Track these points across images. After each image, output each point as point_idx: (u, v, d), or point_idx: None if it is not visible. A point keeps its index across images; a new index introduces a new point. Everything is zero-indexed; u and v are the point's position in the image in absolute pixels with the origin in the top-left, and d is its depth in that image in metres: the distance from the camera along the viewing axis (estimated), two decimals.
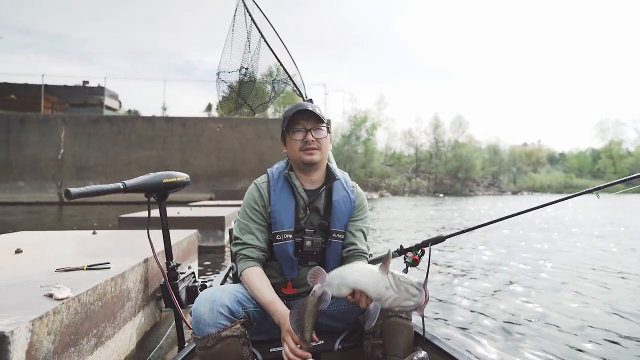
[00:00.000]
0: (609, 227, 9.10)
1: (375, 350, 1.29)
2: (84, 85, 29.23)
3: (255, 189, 1.50)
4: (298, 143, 1.43)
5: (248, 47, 2.30)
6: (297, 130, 1.44)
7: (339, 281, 1.06)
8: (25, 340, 1.06)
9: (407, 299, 1.01)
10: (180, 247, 2.69)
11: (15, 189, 20.13)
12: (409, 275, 1.05)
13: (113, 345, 1.66)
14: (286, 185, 1.48)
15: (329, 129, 1.52)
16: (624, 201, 20.46)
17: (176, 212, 5.99)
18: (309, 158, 1.43)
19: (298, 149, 1.43)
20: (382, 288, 1.01)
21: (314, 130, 1.44)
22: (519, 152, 55.73)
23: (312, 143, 1.42)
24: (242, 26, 2.28)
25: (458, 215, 12.81)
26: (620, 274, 4.21)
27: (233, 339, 1.19)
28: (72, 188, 1.42)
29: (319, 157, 1.45)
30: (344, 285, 1.06)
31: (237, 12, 2.27)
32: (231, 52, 2.30)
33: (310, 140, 1.42)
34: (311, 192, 1.48)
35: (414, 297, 1.01)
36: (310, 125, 1.44)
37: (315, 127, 1.44)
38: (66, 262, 1.86)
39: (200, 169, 20.84)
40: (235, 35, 2.28)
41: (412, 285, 1.01)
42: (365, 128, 38.94)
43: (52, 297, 1.29)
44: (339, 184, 1.52)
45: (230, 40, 2.30)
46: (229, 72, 2.35)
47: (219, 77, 2.35)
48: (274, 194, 1.46)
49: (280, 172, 1.51)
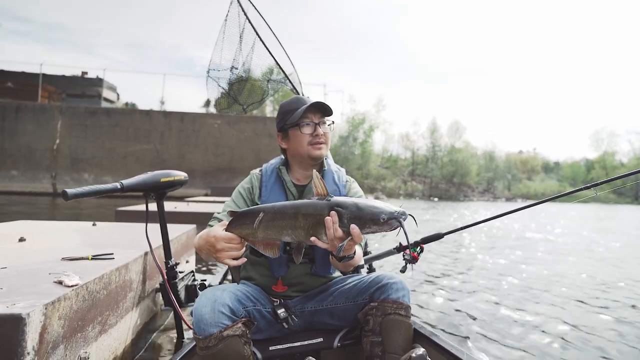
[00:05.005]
0: (608, 230, 9.23)
1: (374, 348, 1.30)
2: (82, 76, 28.97)
3: (249, 180, 1.54)
4: (307, 137, 1.44)
5: (240, 46, 2.32)
6: (306, 124, 1.44)
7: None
8: (39, 323, 1.11)
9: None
10: (179, 241, 2.73)
11: (8, 178, 19.92)
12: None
13: (115, 334, 1.70)
14: (277, 180, 1.50)
15: (333, 122, 1.52)
16: (617, 208, 20.69)
17: (173, 207, 6.00)
18: (318, 153, 1.44)
19: (307, 143, 1.44)
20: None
21: (322, 125, 1.45)
22: (515, 159, 56.05)
23: (321, 137, 1.44)
24: (235, 25, 2.28)
25: (454, 219, 12.91)
26: (618, 277, 4.31)
27: (234, 339, 1.19)
28: (68, 189, 1.42)
29: (325, 151, 1.47)
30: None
31: (231, 10, 2.27)
32: (222, 51, 2.32)
33: (320, 134, 1.44)
34: (301, 187, 1.50)
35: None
36: (317, 119, 1.45)
37: (322, 120, 1.46)
38: (70, 252, 1.89)
39: (197, 165, 20.77)
40: (227, 34, 2.30)
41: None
42: (363, 130, 39.04)
43: (61, 284, 1.33)
44: (330, 179, 1.51)
45: (222, 39, 2.31)
46: (218, 71, 2.37)
47: (209, 75, 2.38)
48: (265, 188, 1.48)
49: (273, 168, 1.54)
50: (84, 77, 29.06)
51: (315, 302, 1.46)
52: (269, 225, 1.15)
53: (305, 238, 1.14)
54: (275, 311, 1.39)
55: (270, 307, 1.41)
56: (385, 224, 1.06)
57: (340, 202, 1.11)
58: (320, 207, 1.11)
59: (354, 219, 1.07)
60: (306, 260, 1.45)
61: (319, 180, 1.16)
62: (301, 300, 1.47)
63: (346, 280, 1.48)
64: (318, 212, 1.11)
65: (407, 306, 1.33)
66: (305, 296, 1.48)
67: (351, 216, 1.08)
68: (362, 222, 1.07)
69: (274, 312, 1.39)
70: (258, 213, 1.16)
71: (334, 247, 1.10)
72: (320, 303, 1.46)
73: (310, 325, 1.47)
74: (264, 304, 1.40)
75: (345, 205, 1.09)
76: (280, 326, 1.40)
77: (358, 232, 1.07)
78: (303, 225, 1.13)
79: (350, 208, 1.09)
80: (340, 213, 1.08)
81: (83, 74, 29.13)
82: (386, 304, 1.32)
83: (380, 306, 1.32)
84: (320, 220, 1.10)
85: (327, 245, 1.11)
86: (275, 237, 1.17)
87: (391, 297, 1.32)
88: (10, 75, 26.26)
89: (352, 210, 1.08)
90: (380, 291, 1.35)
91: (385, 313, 1.31)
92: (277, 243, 1.19)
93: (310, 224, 1.12)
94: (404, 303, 1.32)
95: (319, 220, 1.10)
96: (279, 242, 1.19)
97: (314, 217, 1.11)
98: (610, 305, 3.30)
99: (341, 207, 1.09)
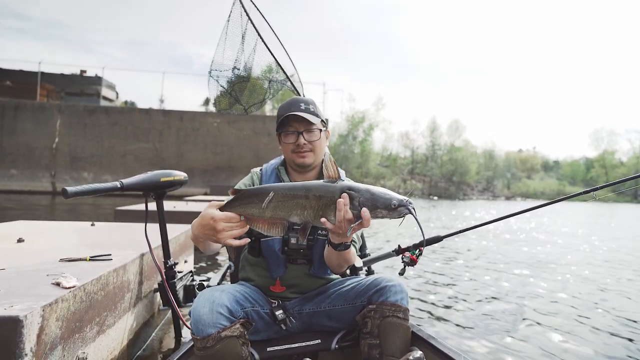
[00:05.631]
0: (605, 231, 9.25)
1: (372, 350, 1.30)
2: (82, 75, 28.90)
3: (249, 177, 1.55)
4: (289, 145, 1.44)
5: (242, 46, 2.31)
6: (289, 132, 1.44)
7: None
8: (37, 324, 1.11)
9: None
10: (177, 241, 2.73)
11: (7, 176, 19.91)
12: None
13: (113, 334, 1.70)
14: (276, 180, 1.51)
15: (326, 127, 1.50)
16: (615, 208, 20.72)
17: (172, 206, 6.00)
18: (301, 160, 1.44)
19: (290, 150, 1.45)
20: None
21: (307, 133, 1.43)
22: (514, 158, 56.13)
23: (303, 146, 1.42)
24: (237, 25, 2.28)
25: (451, 219, 12.92)
26: (617, 277, 4.32)
27: (232, 339, 1.18)
28: (68, 187, 1.41)
29: (311, 160, 1.45)
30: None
31: (233, 10, 2.27)
32: (224, 51, 2.31)
33: (302, 143, 1.42)
34: None
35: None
36: (302, 128, 1.43)
37: (307, 129, 1.43)
38: (68, 252, 1.89)
39: (197, 164, 20.77)
40: (230, 34, 2.29)
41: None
42: (363, 128, 39.06)
43: (59, 286, 1.33)
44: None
45: (224, 39, 2.31)
46: (221, 71, 2.36)
47: (211, 75, 2.37)
48: None
49: (273, 168, 1.54)
50: (82, 75, 28.98)
51: (313, 304, 1.46)
52: (278, 205, 1.14)
53: (313, 219, 1.13)
54: (273, 312, 1.39)
55: (268, 309, 1.41)
56: (395, 211, 1.08)
57: (352, 185, 1.13)
58: (332, 189, 1.12)
59: (366, 202, 1.09)
60: (304, 261, 1.46)
61: (331, 163, 1.17)
62: (299, 301, 1.47)
63: (344, 283, 1.48)
64: (330, 194, 1.12)
65: (405, 309, 1.33)
66: (304, 298, 1.48)
67: (363, 200, 1.09)
68: (373, 206, 1.09)
69: (272, 314, 1.39)
70: (268, 192, 1.14)
71: (339, 229, 1.10)
72: (319, 305, 1.46)
73: (308, 327, 1.47)
74: (262, 305, 1.40)
75: (357, 189, 1.11)
76: (278, 327, 1.40)
77: (368, 215, 1.08)
78: (313, 206, 1.13)
79: (363, 192, 1.10)
80: (352, 196, 1.10)
81: (82, 73, 29.05)
82: (384, 306, 1.32)
83: (379, 309, 1.32)
84: (331, 202, 1.11)
85: (334, 227, 1.11)
86: (283, 217, 1.15)
87: (389, 299, 1.33)
88: (9, 74, 26.19)
89: (364, 194, 1.10)
90: (378, 294, 1.35)
91: (383, 315, 1.31)
92: (283, 222, 1.16)
93: (320, 205, 1.12)
94: (402, 306, 1.33)
95: (330, 202, 1.11)
96: (285, 222, 1.17)
97: (325, 199, 1.12)
98: (612, 309, 3.30)
99: (353, 191, 1.11)
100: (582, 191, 1.74)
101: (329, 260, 1.41)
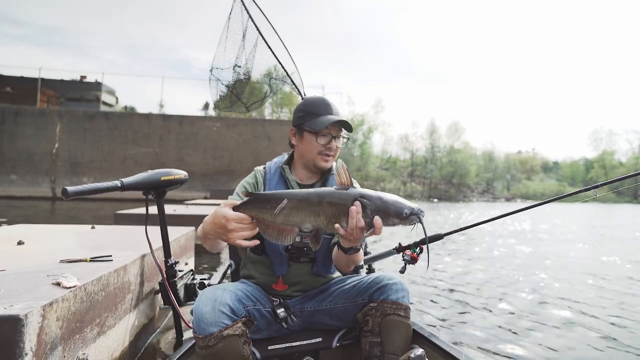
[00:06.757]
0: (604, 231, 9.23)
1: (373, 348, 1.30)
2: (81, 80, 28.96)
3: (253, 175, 1.55)
4: (319, 147, 1.45)
5: (243, 44, 2.32)
6: (324, 134, 1.45)
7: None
8: (37, 324, 1.10)
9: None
10: (177, 243, 2.73)
11: (7, 182, 19.91)
12: None
13: (114, 334, 1.70)
14: (281, 178, 1.51)
15: (348, 138, 1.55)
16: (614, 208, 20.70)
17: (172, 210, 6.00)
18: (324, 164, 1.47)
19: (317, 152, 1.46)
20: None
21: (337, 139, 1.47)
22: (514, 159, 56.16)
23: (332, 151, 1.46)
24: (238, 23, 2.28)
25: (452, 220, 12.91)
26: (620, 280, 4.31)
27: (234, 338, 1.18)
28: (69, 187, 1.41)
29: (331, 164, 1.49)
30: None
31: (234, 9, 2.28)
32: (225, 49, 2.31)
33: (333, 147, 1.46)
34: (305, 187, 1.50)
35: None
36: (335, 132, 1.47)
37: (338, 135, 1.48)
38: (68, 254, 1.89)
39: (196, 168, 20.76)
40: (231, 32, 2.30)
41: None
42: (362, 131, 39.09)
43: (59, 286, 1.33)
44: (334, 179, 1.50)
45: (225, 37, 2.31)
46: (222, 69, 2.37)
47: (212, 74, 2.38)
48: (268, 186, 1.49)
49: (277, 166, 1.55)
50: (82, 81, 29.05)
51: (314, 302, 1.46)
52: (291, 212, 1.14)
53: (326, 226, 1.14)
54: (275, 311, 1.39)
55: (269, 307, 1.41)
56: (407, 219, 1.09)
57: (365, 193, 1.13)
58: (345, 196, 1.13)
59: (378, 211, 1.09)
60: (307, 260, 1.46)
61: (343, 170, 1.17)
62: (301, 300, 1.47)
63: (346, 281, 1.48)
64: (343, 202, 1.12)
65: (407, 307, 1.33)
66: (305, 296, 1.48)
67: (375, 208, 1.10)
68: (385, 214, 1.09)
69: (274, 312, 1.39)
70: (282, 199, 1.14)
71: (350, 236, 1.11)
72: (320, 303, 1.46)
73: (310, 325, 1.47)
74: (263, 303, 1.40)
75: (370, 197, 1.12)
76: (280, 326, 1.40)
77: (380, 223, 1.09)
78: (326, 213, 1.13)
79: (375, 200, 1.11)
80: (365, 204, 1.10)
81: (82, 78, 29.13)
82: (385, 304, 1.32)
83: (380, 307, 1.32)
84: (344, 209, 1.11)
85: (346, 234, 1.12)
86: (296, 224, 1.15)
87: (390, 297, 1.33)
88: (9, 80, 26.27)
89: (376, 203, 1.10)
90: (379, 292, 1.35)
91: (384, 313, 1.31)
92: (293, 230, 1.16)
93: (333, 213, 1.12)
94: (403, 304, 1.32)
95: (343, 210, 1.11)
96: (296, 229, 1.17)
97: (338, 206, 1.12)
98: (612, 308, 3.29)
99: (366, 199, 1.11)
100: (582, 189, 1.73)
101: (338, 261, 1.42)
